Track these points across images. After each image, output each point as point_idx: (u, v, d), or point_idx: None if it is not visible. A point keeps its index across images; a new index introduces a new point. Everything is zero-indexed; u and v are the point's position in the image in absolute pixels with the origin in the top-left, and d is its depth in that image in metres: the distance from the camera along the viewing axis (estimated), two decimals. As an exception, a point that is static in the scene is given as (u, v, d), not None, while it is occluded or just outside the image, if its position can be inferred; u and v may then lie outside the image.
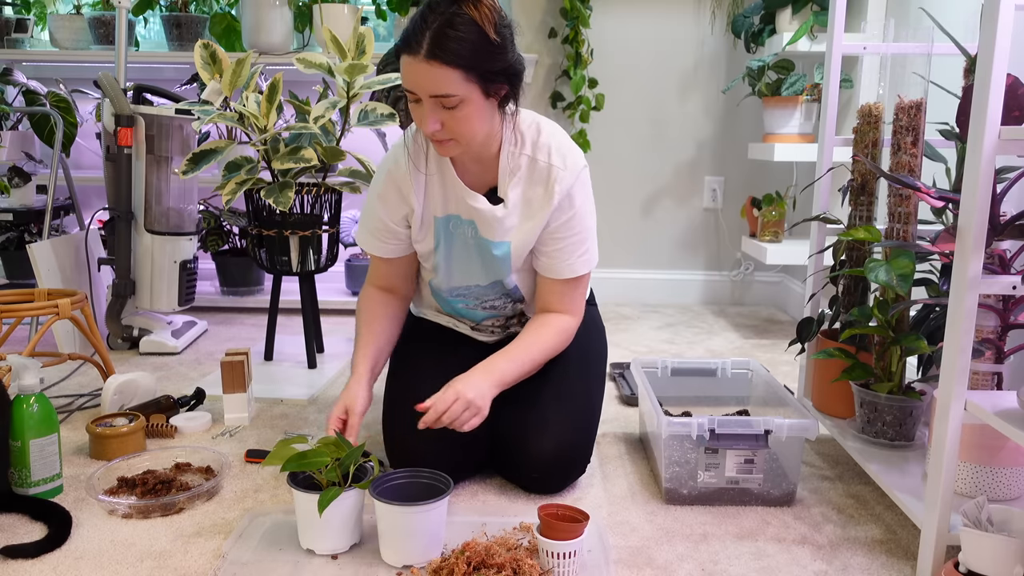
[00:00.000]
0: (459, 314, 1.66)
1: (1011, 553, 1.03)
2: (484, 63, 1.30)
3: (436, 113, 1.32)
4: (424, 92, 1.30)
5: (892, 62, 1.70)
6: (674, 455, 1.49)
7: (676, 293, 3.32)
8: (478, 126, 1.36)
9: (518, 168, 1.46)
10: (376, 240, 1.56)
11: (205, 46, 2.07)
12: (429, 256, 1.56)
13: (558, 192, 1.45)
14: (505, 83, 1.35)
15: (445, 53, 1.26)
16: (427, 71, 1.27)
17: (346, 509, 1.27)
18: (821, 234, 1.82)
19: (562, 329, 1.54)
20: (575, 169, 1.47)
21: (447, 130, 1.34)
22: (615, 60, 3.14)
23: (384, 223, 1.53)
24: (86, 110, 3.16)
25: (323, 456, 1.28)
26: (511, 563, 1.19)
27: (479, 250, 1.52)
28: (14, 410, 1.42)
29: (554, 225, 1.48)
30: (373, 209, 1.54)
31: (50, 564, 1.26)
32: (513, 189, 1.47)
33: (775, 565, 1.30)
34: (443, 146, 1.38)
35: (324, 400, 2.05)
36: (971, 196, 1.11)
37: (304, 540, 1.30)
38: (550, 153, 1.46)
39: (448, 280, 1.58)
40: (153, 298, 2.44)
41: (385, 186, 1.51)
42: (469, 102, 1.31)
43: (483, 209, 1.47)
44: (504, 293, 1.59)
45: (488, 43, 1.29)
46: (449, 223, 1.52)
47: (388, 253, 1.57)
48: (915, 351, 1.50)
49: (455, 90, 1.29)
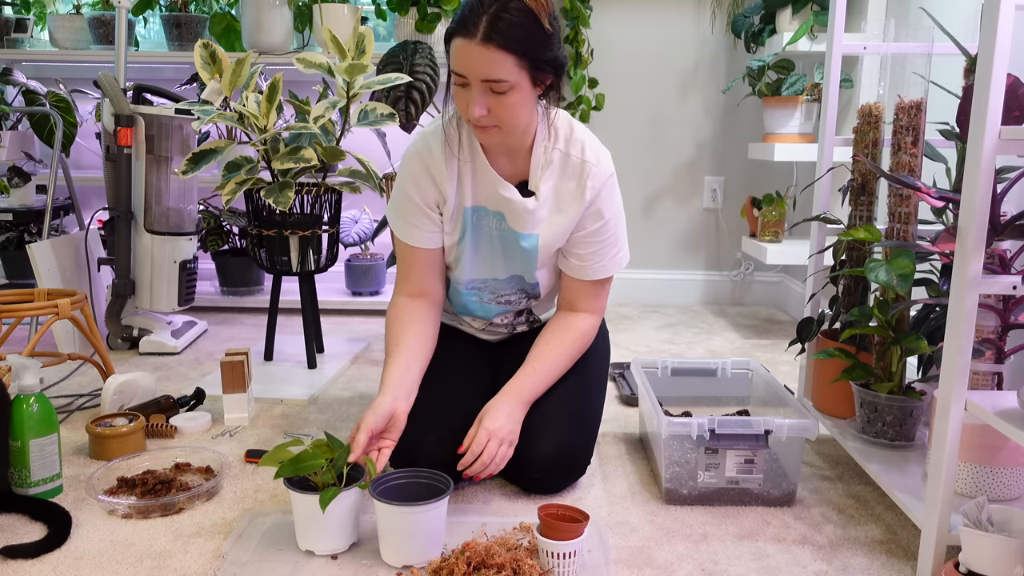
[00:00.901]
0: (470, 310, 1.65)
1: (1011, 553, 1.03)
2: (536, 51, 1.31)
3: (484, 98, 1.33)
4: (476, 76, 1.31)
5: (892, 62, 1.70)
6: (674, 455, 1.49)
7: (676, 293, 3.32)
8: (522, 114, 1.37)
9: (550, 163, 1.48)
10: (409, 225, 1.53)
11: (205, 46, 2.07)
12: (452, 248, 1.55)
13: (590, 188, 1.47)
14: (551, 74, 1.37)
15: (501, 37, 1.27)
16: (482, 54, 1.28)
17: (344, 508, 1.27)
18: (821, 234, 1.82)
19: (584, 331, 1.56)
20: (607, 169, 1.50)
21: (493, 116, 1.35)
22: (615, 60, 3.14)
23: (418, 206, 1.51)
24: (86, 110, 3.15)
25: (317, 459, 1.27)
26: (511, 563, 1.18)
27: (503, 243, 1.53)
28: (14, 410, 1.42)
29: (589, 229, 1.50)
30: (405, 194, 1.52)
31: (50, 564, 1.26)
32: (545, 183, 1.48)
33: (775, 565, 1.30)
34: (486, 132, 1.38)
35: (324, 400, 2.05)
36: (971, 196, 1.11)
37: (303, 542, 1.29)
38: (583, 150, 1.48)
39: (467, 273, 1.58)
40: (153, 298, 2.44)
41: (418, 170, 1.50)
42: (518, 89, 1.32)
43: (515, 200, 1.47)
44: (520, 288, 1.60)
45: (542, 31, 1.31)
46: (475, 214, 1.52)
47: (423, 242, 1.54)
48: (915, 351, 1.50)
49: (507, 75, 1.30)
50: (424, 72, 2.45)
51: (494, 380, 1.60)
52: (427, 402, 1.51)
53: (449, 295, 1.66)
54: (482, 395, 1.54)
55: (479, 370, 1.64)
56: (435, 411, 1.49)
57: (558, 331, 1.55)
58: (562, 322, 1.57)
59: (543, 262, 1.55)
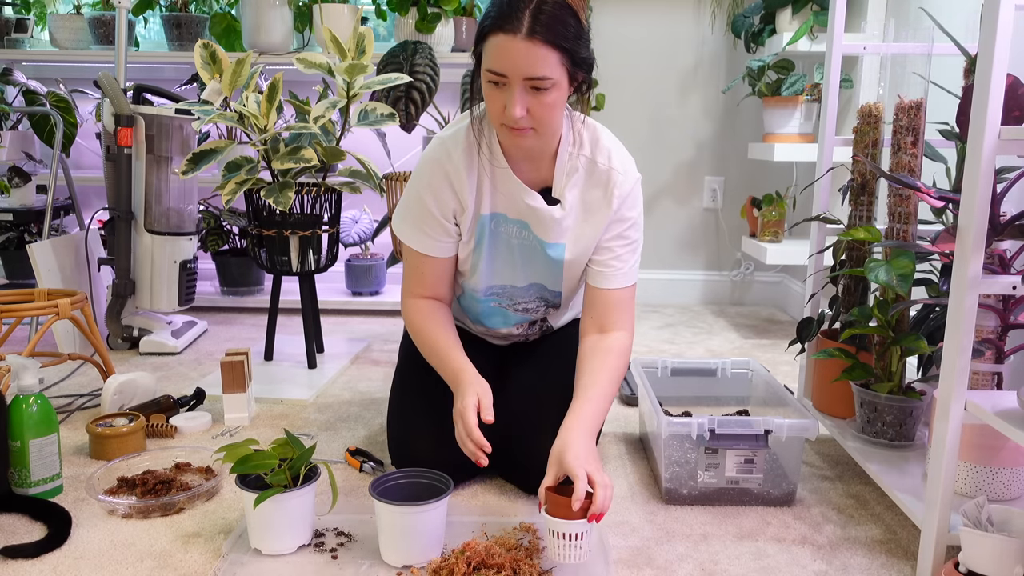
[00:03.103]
0: (488, 319, 1.60)
1: (1011, 553, 1.03)
2: (577, 48, 1.27)
3: (525, 97, 1.27)
4: (520, 73, 1.25)
5: (892, 62, 1.70)
6: (674, 455, 1.49)
7: (676, 293, 3.32)
8: (558, 115, 1.33)
9: (575, 169, 1.43)
10: (424, 235, 1.47)
11: (205, 46, 2.07)
12: (468, 256, 1.51)
13: (617, 196, 1.43)
14: (585, 71, 1.32)
15: (546, 31, 1.22)
16: (528, 50, 1.23)
17: (290, 510, 1.27)
18: (821, 234, 1.82)
19: (623, 349, 1.47)
20: (633, 176, 1.45)
21: (531, 117, 1.29)
22: (615, 60, 3.14)
23: (434, 216, 1.45)
24: (86, 110, 3.15)
25: (271, 458, 1.27)
26: (511, 563, 1.19)
27: (524, 250, 1.49)
28: (13, 410, 1.42)
29: (614, 232, 1.46)
30: (420, 202, 1.45)
31: (50, 564, 1.26)
32: (570, 190, 1.43)
33: (775, 565, 1.30)
34: (521, 135, 1.32)
35: (324, 400, 2.06)
36: (971, 196, 1.11)
37: (251, 540, 1.30)
38: (610, 157, 1.43)
39: (485, 279, 1.53)
40: (153, 298, 2.44)
41: (436, 177, 1.43)
42: (558, 87, 1.28)
43: (540, 209, 1.43)
44: (540, 296, 1.56)
45: (581, 27, 1.28)
46: (493, 221, 1.47)
47: (436, 251, 1.48)
48: (915, 351, 1.50)
49: (551, 72, 1.25)
50: (424, 72, 2.45)
51: (499, 380, 1.58)
52: (426, 401, 1.51)
53: (464, 305, 1.62)
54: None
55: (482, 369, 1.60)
56: (434, 410, 1.49)
57: (599, 354, 1.45)
58: (599, 345, 1.46)
59: (569, 271, 1.51)
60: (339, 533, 1.35)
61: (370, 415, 1.95)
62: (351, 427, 1.87)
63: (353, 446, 1.72)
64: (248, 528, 1.30)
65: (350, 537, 1.34)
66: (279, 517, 1.27)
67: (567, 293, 1.57)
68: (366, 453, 1.65)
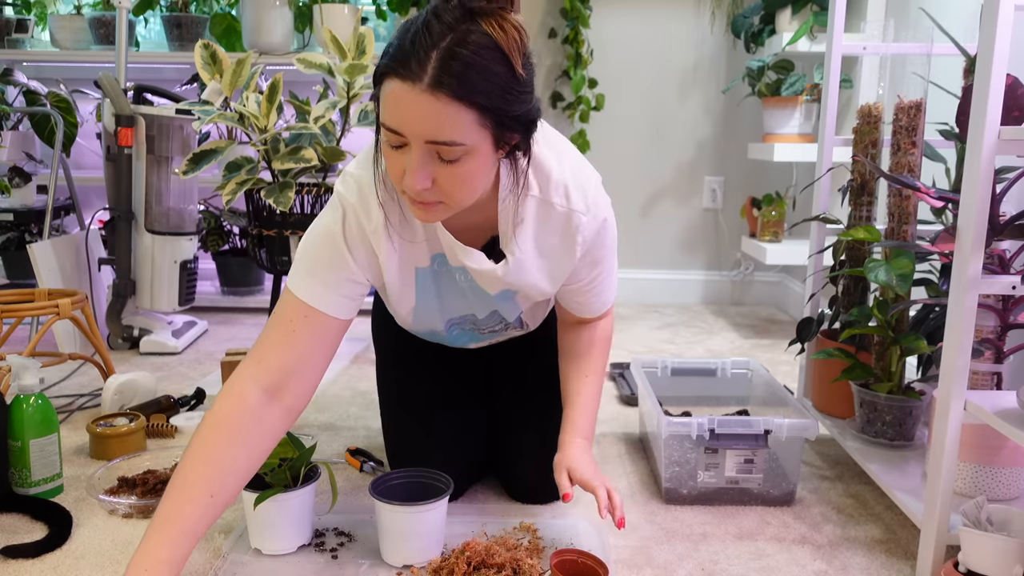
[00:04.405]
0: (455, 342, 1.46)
1: (1011, 553, 1.03)
2: (504, 104, 0.97)
3: (428, 167, 0.99)
4: (418, 135, 0.96)
5: (892, 62, 1.70)
6: (674, 455, 1.49)
7: (676, 293, 3.32)
8: (478, 185, 1.04)
9: (522, 218, 1.15)
10: (325, 288, 1.15)
11: (205, 46, 2.07)
12: (411, 311, 1.31)
13: (581, 243, 1.19)
14: (519, 132, 1.04)
15: (460, 85, 0.93)
16: (430, 107, 0.94)
17: (289, 510, 1.27)
18: (821, 234, 1.82)
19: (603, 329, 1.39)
20: (599, 214, 1.19)
21: (437, 189, 1.01)
22: (615, 60, 3.14)
23: (346, 268, 1.16)
24: (86, 110, 3.16)
25: (271, 458, 1.27)
26: (511, 563, 1.19)
27: (474, 292, 1.28)
28: (13, 410, 1.42)
29: (584, 280, 1.28)
30: (328, 251, 1.16)
31: (50, 564, 1.26)
32: (520, 243, 1.17)
33: (775, 565, 1.30)
34: (427, 209, 1.04)
35: (324, 400, 2.06)
36: (971, 196, 1.11)
37: (252, 540, 1.30)
38: (567, 195, 1.16)
39: (442, 316, 1.34)
40: (153, 298, 2.44)
41: (350, 228, 1.15)
42: (475, 155, 0.99)
43: (480, 270, 1.18)
44: (502, 321, 1.38)
45: (513, 77, 0.97)
46: (434, 264, 1.23)
47: (336, 309, 1.16)
48: (915, 351, 1.50)
49: (463, 137, 0.96)
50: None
51: (487, 374, 1.57)
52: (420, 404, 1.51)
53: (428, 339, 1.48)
54: (474, 391, 1.52)
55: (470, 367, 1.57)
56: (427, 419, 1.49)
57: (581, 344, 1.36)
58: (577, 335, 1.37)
59: (527, 307, 1.35)
60: (339, 533, 1.35)
61: (370, 415, 1.95)
62: (351, 427, 1.87)
63: (353, 446, 1.72)
64: (248, 528, 1.30)
65: (350, 537, 1.34)
66: (279, 517, 1.27)
67: (531, 320, 1.43)
68: (366, 453, 1.65)
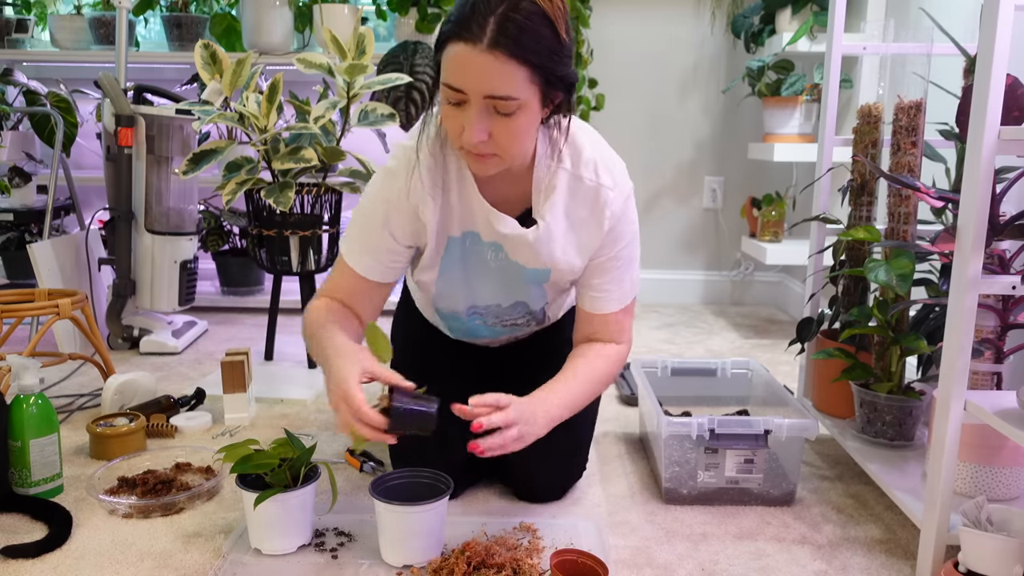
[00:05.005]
0: (471, 334, 1.51)
1: (1011, 553, 1.03)
2: (551, 64, 1.10)
3: (486, 120, 1.11)
4: (478, 91, 1.09)
5: (892, 62, 1.70)
6: (674, 455, 1.49)
7: (676, 293, 3.32)
8: (527, 140, 1.17)
9: (554, 187, 1.27)
10: (367, 256, 1.32)
11: (205, 46, 2.07)
12: (434, 281, 1.38)
13: (609, 216, 1.28)
14: (563, 91, 1.16)
15: (514, 44, 1.06)
16: (489, 64, 1.06)
17: (289, 510, 1.27)
18: (821, 234, 1.82)
19: (618, 360, 1.37)
20: (624, 190, 1.29)
21: (493, 142, 1.13)
22: (615, 60, 3.14)
23: (388, 234, 1.30)
24: (86, 110, 3.16)
25: (271, 458, 1.28)
26: (511, 563, 1.19)
27: (503, 272, 1.35)
28: (13, 410, 1.42)
29: (607, 255, 1.32)
30: (373, 216, 1.30)
31: (50, 564, 1.26)
32: (551, 210, 1.27)
33: (775, 565, 1.30)
34: (482, 161, 1.17)
35: (324, 400, 2.05)
36: (971, 196, 1.11)
37: (252, 539, 1.30)
38: (596, 170, 1.27)
39: (465, 300, 1.41)
40: (153, 298, 2.44)
41: (394, 192, 1.28)
42: (526, 110, 1.12)
43: (511, 235, 1.28)
44: (527, 313, 1.44)
45: (558, 41, 1.10)
46: (465, 241, 1.32)
47: (376, 275, 1.33)
48: (915, 351, 1.50)
49: (517, 91, 1.09)
50: (424, 72, 2.46)
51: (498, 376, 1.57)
52: None
53: (446, 322, 1.52)
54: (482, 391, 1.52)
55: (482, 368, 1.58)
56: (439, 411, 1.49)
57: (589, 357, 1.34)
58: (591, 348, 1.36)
59: (554, 290, 1.39)
60: (339, 533, 1.35)
61: (370, 415, 1.95)
62: (351, 427, 1.87)
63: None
64: (248, 528, 1.30)
65: (350, 537, 1.34)
66: (279, 517, 1.27)
67: (556, 308, 1.49)
68: (366, 453, 1.65)
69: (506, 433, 1.17)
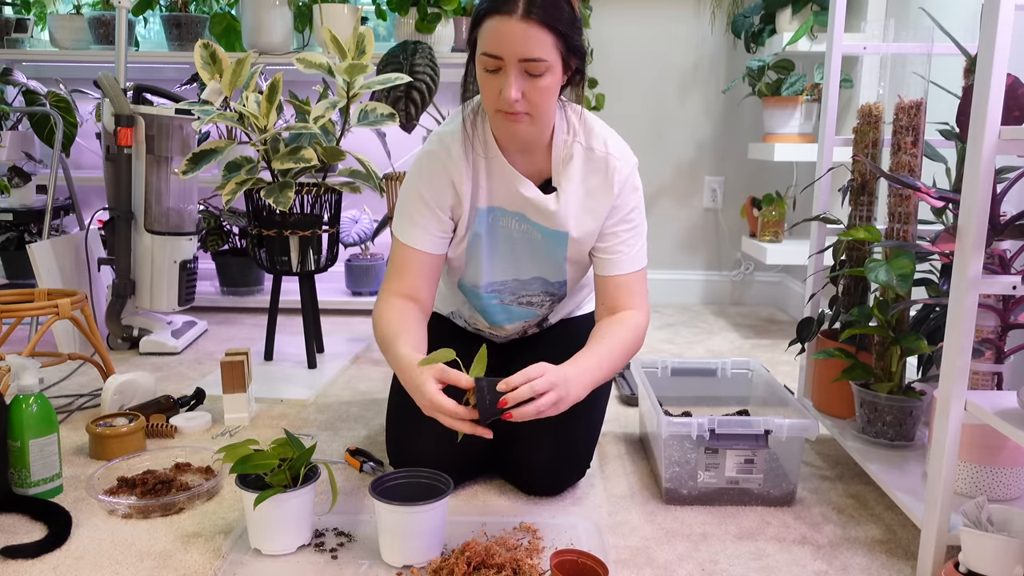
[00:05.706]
0: (488, 313, 1.59)
1: (1011, 553, 1.03)
2: (572, 32, 1.30)
3: (520, 81, 1.29)
4: (515, 55, 1.27)
5: (892, 62, 1.70)
6: (674, 455, 1.49)
7: (676, 293, 3.32)
8: (553, 101, 1.35)
9: (571, 157, 1.45)
10: (414, 226, 1.46)
11: (205, 46, 2.07)
12: (462, 252, 1.51)
13: (618, 182, 1.45)
14: (578, 59, 1.35)
15: (542, 12, 1.25)
16: (523, 31, 1.25)
17: (289, 510, 1.27)
18: (821, 234, 1.82)
19: (637, 326, 1.46)
20: (631, 160, 1.48)
21: (526, 101, 1.31)
22: (615, 60, 3.14)
23: (428, 206, 1.45)
24: (86, 110, 3.15)
25: (271, 458, 1.28)
26: (511, 563, 1.19)
27: (527, 243, 1.50)
28: (13, 410, 1.42)
29: (615, 219, 1.47)
30: (416, 192, 1.46)
31: (50, 564, 1.26)
32: (568, 178, 1.45)
33: (775, 565, 1.30)
34: (515, 120, 1.33)
35: (324, 400, 2.06)
36: (971, 196, 1.11)
37: (252, 540, 1.30)
38: (606, 143, 1.46)
39: (487, 275, 1.53)
40: (153, 298, 2.44)
41: (433, 169, 1.45)
42: (552, 72, 1.30)
43: (535, 199, 1.44)
44: (544, 289, 1.56)
45: (574, 14, 1.31)
46: (491, 215, 1.48)
47: (424, 244, 1.46)
48: (915, 351, 1.50)
49: (546, 54, 1.27)
50: (424, 72, 2.45)
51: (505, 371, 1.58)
52: None
53: (467, 297, 1.61)
54: None
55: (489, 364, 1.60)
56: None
57: (610, 325, 1.44)
58: (612, 318, 1.46)
59: (573, 260, 1.51)
60: (339, 533, 1.35)
61: (370, 415, 1.95)
62: (351, 427, 1.87)
63: (353, 446, 1.72)
64: (248, 528, 1.30)
65: (350, 537, 1.34)
66: (279, 517, 1.27)
67: (571, 283, 1.58)
68: (366, 453, 1.65)
69: (541, 400, 1.24)
